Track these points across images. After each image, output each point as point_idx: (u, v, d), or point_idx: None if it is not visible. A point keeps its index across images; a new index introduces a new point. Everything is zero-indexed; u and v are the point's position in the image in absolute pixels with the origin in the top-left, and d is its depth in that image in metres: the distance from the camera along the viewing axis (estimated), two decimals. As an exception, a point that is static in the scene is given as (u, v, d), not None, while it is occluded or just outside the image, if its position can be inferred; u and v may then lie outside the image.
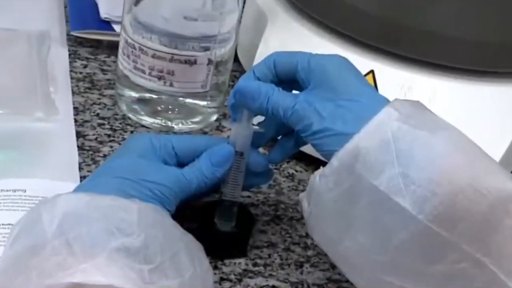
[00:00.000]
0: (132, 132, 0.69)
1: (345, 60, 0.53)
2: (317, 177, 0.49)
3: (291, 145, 0.57)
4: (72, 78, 0.74)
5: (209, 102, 0.70)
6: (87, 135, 0.67)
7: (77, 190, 0.50)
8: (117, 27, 0.80)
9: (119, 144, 0.67)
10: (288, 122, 0.52)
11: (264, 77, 0.54)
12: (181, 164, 0.55)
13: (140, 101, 0.70)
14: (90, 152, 0.65)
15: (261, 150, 0.70)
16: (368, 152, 0.46)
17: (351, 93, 0.50)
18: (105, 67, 0.77)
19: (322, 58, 0.53)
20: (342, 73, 0.52)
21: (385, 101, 0.50)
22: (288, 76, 0.54)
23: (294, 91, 0.55)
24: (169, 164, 0.54)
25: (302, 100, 0.51)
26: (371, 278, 0.48)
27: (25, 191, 0.58)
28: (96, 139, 0.67)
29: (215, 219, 0.57)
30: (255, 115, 0.55)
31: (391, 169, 0.46)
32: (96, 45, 0.80)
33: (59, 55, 0.77)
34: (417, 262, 0.46)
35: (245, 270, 0.57)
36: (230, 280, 0.56)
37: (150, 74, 0.67)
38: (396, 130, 0.47)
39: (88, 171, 0.63)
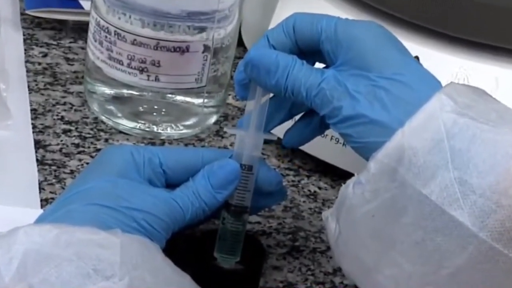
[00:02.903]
0: (107, 140, 0.68)
1: (382, 28, 0.53)
2: (350, 186, 0.49)
3: (314, 126, 0.57)
4: (28, 70, 0.74)
5: (206, 100, 0.70)
6: (49, 145, 0.67)
7: (40, 221, 0.50)
8: (85, 4, 0.80)
9: (91, 156, 0.66)
10: (312, 104, 0.52)
11: (281, 46, 0.54)
12: (170, 185, 0.54)
13: (117, 99, 0.69)
14: (53, 168, 0.65)
15: (273, 162, 0.69)
16: (416, 153, 0.47)
17: (391, 69, 0.50)
18: (70, 56, 0.77)
19: (353, 25, 0.53)
20: (379, 45, 0.52)
21: (435, 82, 0.50)
22: (310, 46, 0.54)
23: (318, 64, 0.55)
24: (156, 185, 0.54)
25: (331, 77, 0.51)
26: None
27: (-31, 221, 0.57)
28: (60, 150, 0.67)
29: (214, 252, 0.56)
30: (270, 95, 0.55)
31: (445, 174, 0.46)
32: (59, 27, 0.80)
33: (11, 40, 0.76)
34: None
35: (256, 320, 0.57)
36: (237, 334, 0.56)
37: (129, 65, 0.66)
38: (451, 125, 0.47)
39: (51, 192, 0.62)
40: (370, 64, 0.51)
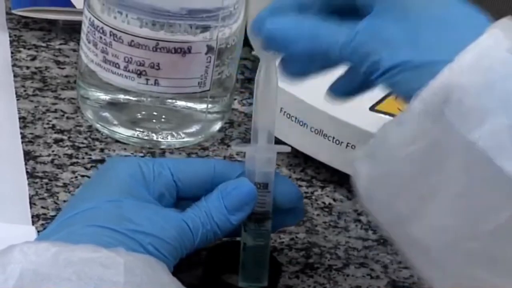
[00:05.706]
0: (102, 150, 0.69)
1: None
2: (390, 126, 0.49)
3: (361, 79, 0.54)
4: (16, 75, 0.74)
5: (209, 106, 0.70)
6: (40, 156, 0.67)
7: (39, 240, 0.50)
8: (77, 2, 0.80)
9: (85, 168, 0.67)
10: (351, 64, 0.52)
11: (308, 0, 0.53)
12: (181, 199, 0.55)
13: (113, 106, 0.70)
14: (45, 181, 0.65)
15: (284, 172, 0.70)
16: (464, 93, 0.46)
17: (433, 8, 0.49)
18: (61, 59, 0.77)
19: None
20: None
21: (483, 20, 0.49)
22: None
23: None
24: (167, 200, 0.54)
25: (363, 30, 0.50)
26: (457, 273, 0.47)
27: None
28: (52, 161, 0.67)
29: (239, 282, 0.56)
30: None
31: (495, 120, 0.45)
32: (48, 27, 0.80)
33: (-3, 42, 0.77)
34: None
35: None
36: None
37: (126, 68, 0.67)
38: (505, 64, 0.46)
39: (42, 207, 0.62)
40: (409, 4, 0.50)
